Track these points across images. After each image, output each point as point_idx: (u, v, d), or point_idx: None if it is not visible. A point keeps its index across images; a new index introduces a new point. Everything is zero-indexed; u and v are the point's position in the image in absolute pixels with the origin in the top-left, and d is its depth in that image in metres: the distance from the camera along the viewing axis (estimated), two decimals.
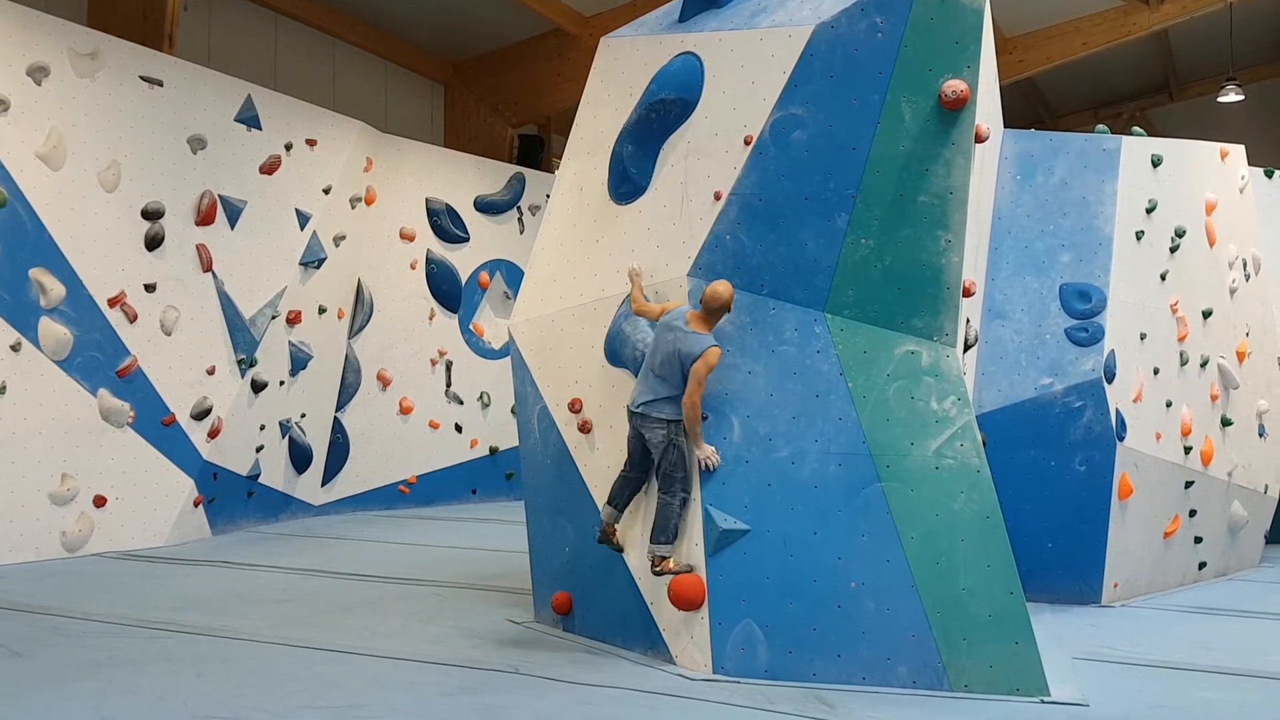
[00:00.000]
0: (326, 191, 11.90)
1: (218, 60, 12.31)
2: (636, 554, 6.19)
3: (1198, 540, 8.68)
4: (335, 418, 12.58)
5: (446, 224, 13.70)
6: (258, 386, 11.05)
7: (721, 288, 5.87)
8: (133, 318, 9.80)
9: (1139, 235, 8.08)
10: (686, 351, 5.80)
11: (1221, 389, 8.87)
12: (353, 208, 12.51)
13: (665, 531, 5.89)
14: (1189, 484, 8.45)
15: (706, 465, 5.81)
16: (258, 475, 11.28)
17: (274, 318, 11.21)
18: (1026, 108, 20.66)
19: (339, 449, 12.64)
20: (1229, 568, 9.18)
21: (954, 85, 5.76)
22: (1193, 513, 8.55)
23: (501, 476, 14.26)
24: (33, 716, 5.01)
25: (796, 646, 5.62)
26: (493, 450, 14.18)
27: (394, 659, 6.07)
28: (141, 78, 9.97)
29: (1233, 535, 9.15)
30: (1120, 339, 7.81)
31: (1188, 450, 8.42)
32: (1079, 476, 7.63)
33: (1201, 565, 8.79)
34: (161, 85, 10.12)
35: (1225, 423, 8.90)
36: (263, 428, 11.27)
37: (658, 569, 5.90)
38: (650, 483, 6.09)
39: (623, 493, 6.17)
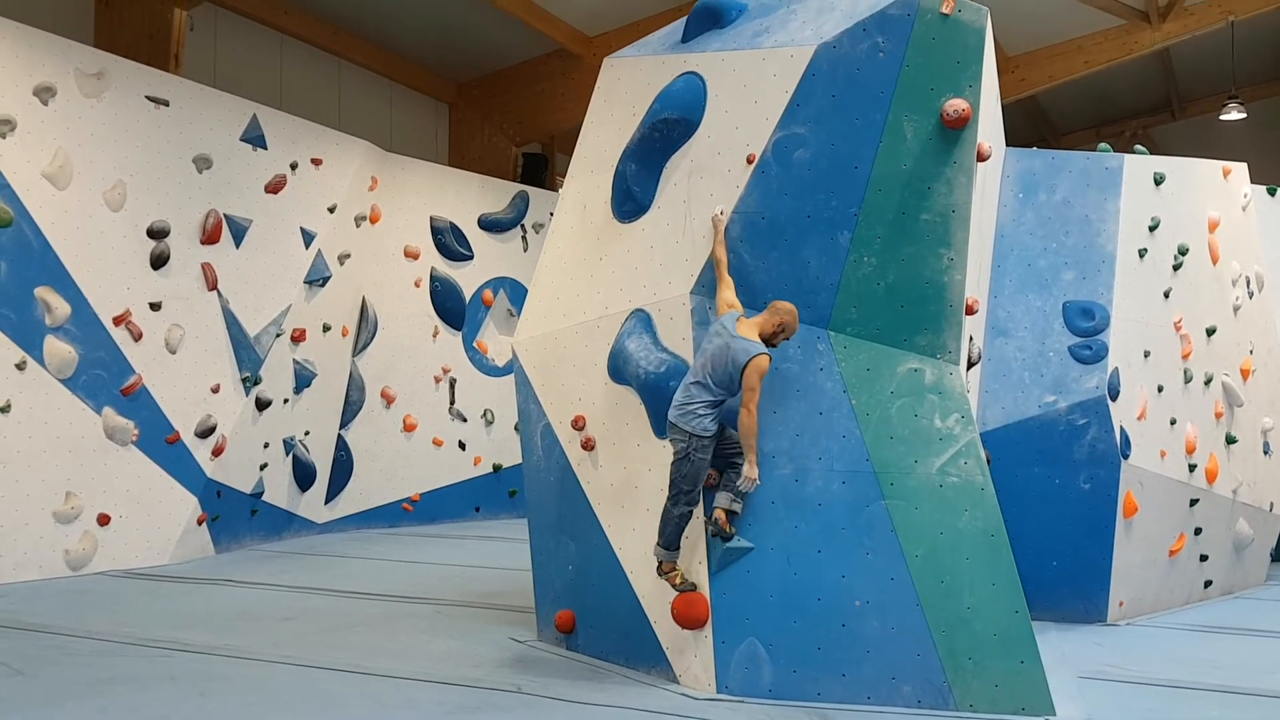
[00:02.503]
0: (331, 210, 11.95)
1: (223, 80, 12.39)
2: (642, 571, 6.17)
3: (1203, 558, 8.65)
4: (339, 435, 12.59)
5: (451, 242, 13.74)
6: (262, 404, 11.07)
7: (792, 307, 5.80)
8: (137, 336, 9.83)
9: (1142, 253, 8.09)
10: (733, 358, 5.63)
11: (1226, 406, 8.85)
12: (357, 226, 12.56)
13: (663, 535, 5.83)
14: (1194, 502, 8.43)
15: (741, 488, 5.70)
16: (261, 493, 11.28)
17: (278, 336, 11.23)
18: (1029, 126, 20.72)
19: (343, 466, 12.64)
20: (1235, 586, 9.14)
21: (956, 104, 5.78)
22: (1198, 531, 8.52)
23: (505, 494, 14.24)
24: None
25: (801, 665, 5.60)
26: (496, 468, 14.17)
27: (397, 678, 6.06)
28: (148, 97, 10.02)
29: (1238, 553, 9.12)
30: (1124, 357, 7.81)
31: (1192, 468, 8.40)
32: (1083, 494, 7.61)
33: (1207, 583, 8.76)
34: (167, 105, 10.18)
35: (1230, 440, 8.88)
36: (266, 445, 11.28)
37: (661, 573, 5.86)
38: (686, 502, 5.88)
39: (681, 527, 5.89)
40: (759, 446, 5.78)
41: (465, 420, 13.88)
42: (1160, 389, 8.16)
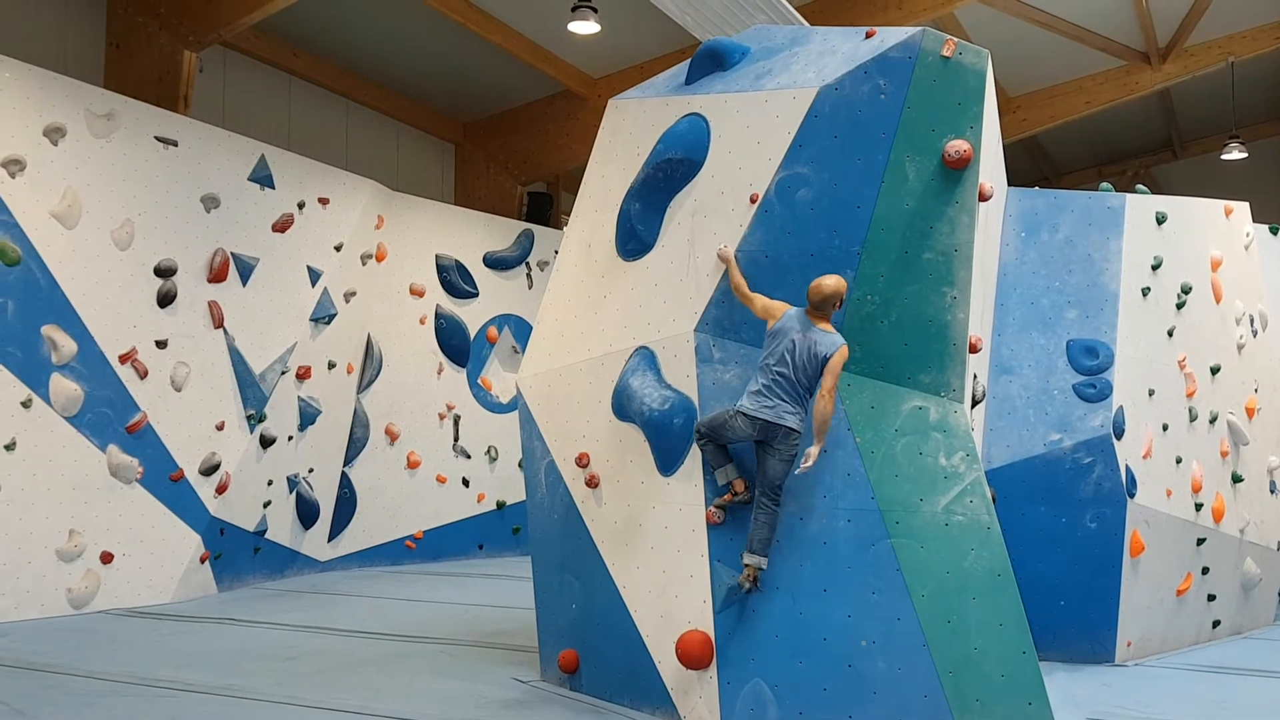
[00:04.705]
0: (338, 249, 12.02)
1: (232, 121, 12.51)
2: (646, 610, 6.14)
3: (1211, 598, 8.60)
4: (343, 472, 12.57)
5: (456, 280, 13.81)
6: (266, 442, 11.07)
7: (826, 280, 5.77)
8: (143, 374, 9.86)
9: (1145, 292, 8.11)
10: (821, 351, 5.68)
11: (1231, 445, 8.83)
12: (363, 264, 12.63)
13: (771, 542, 5.73)
14: (1201, 541, 8.39)
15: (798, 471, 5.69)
16: (264, 531, 11.26)
17: (284, 373, 11.26)
18: (1031, 166, 20.85)
19: (346, 504, 12.61)
20: (1243, 626, 9.07)
21: (957, 145, 5.83)
22: (1205, 570, 8.47)
23: (509, 531, 14.19)
24: None
25: (807, 706, 5.56)
26: (500, 505, 14.14)
27: (400, 719, 6.01)
28: (157, 138, 10.12)
29: (1246, 593, 9.05)
30: (1129, 395, 7.81)
31: (1199, 507, 8.37)
32: (1090, 533, 7.58)
33: (1215, 623, 8.69)
34: (176, 145, 10.27)
35: (1236, 479, 8.85)
36: (270, 483, 11.27)
37: (752, 586, 5.72)
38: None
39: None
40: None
41: (469, 457, 13.86)
42: (1165, 427, 8.14)
